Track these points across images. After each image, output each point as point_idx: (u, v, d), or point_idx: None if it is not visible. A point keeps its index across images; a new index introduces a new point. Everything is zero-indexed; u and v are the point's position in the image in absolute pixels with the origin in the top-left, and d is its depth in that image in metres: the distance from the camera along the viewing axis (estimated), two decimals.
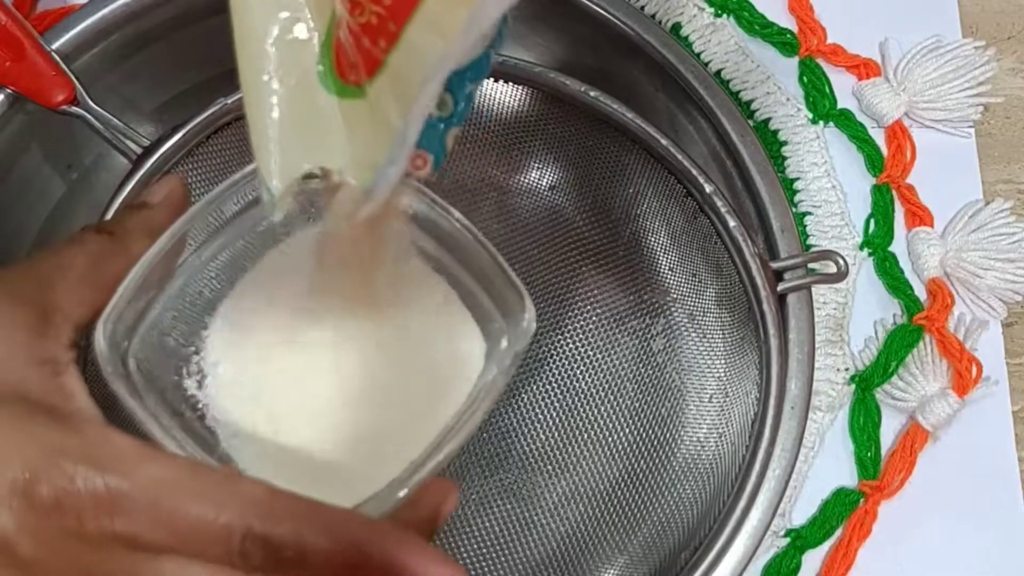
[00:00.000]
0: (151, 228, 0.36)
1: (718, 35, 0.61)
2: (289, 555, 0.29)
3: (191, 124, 0.48)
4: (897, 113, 0.60)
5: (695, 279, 0.53)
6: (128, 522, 0.28)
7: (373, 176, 0.30)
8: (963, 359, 0.56)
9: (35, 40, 0.49)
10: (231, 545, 0.28)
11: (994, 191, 0.60)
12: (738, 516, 0.45)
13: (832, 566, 0.54)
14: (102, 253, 0.35)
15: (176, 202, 0.38)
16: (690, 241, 0.52)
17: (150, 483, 0.29)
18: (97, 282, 0.34)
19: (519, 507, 0.53)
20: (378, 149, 0.30)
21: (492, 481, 0.53)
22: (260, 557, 0.29)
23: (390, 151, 0.29)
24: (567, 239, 0.57)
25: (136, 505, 0.28)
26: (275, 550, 0.29)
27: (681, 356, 0.54)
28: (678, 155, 0.48)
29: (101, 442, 0.29)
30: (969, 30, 0.63)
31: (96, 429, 0.30)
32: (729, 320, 0.51)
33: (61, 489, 0.28)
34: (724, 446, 0.50)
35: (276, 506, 0.29)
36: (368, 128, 0.30)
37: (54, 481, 0.28)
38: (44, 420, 0.30)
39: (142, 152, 0.48)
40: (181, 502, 0.28)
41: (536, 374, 0.55)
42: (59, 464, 0.28)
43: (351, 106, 0.31)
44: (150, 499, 0.28)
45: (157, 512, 0.28)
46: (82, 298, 0.34)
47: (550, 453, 0.54)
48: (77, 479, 0.28)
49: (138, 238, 0.36)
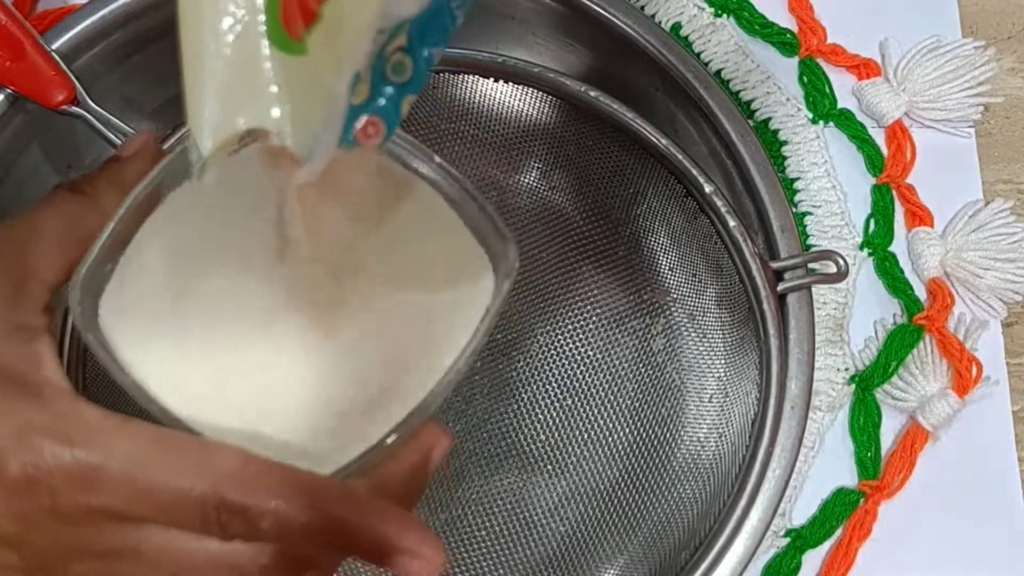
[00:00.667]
0: (123, 183, 0.35)
1: (718, 35, 0.61)
2: (266, 526, 0.28)
3: None
4: (897, 113, 0.60)
5: (695, 279, 0.53)
6: (104, 496, 0.28)
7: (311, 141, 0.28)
8: (963, 359, 0.56)
9: (35, 40, 0.49)
10: (208, 516, 0.28)
11: (994, 191, 0.60)
12: (738, 516, 0.45)
13: (832, 566, 0.54)
14: (75, 213, 0.34)
15: (149, 155, 0.37)
16: (690, 241, 0.52)
17: (122, 456, 0.28)
18: (71, 243, 0.33)
19: (519, 507, 0.53)
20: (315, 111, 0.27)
21: (492, 481, 0.53)
22: (239, 527, 0.28)
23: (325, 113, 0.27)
24: (567, 239, 0.57)
25: (110, 479, 0.28)
26: (252, 520, 0.28)
27: (681, 356, 0.54)
28: (678, 155, 0.48)
29: (70, 415, 0.29)
30: (969, 30, 0.63)
31: (65, 401, 0.30)
32: (729, 320, 0.51)
33: (31, 465, 0.28)
34: (724, 446, 0.50)
35: (250, 475, 0.28)
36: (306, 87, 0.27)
37: (23, 457, 0.28)
38: (13, 393, 0.30)
39: None
40: (154, 475, 0.28)
41: (536, 374, 0.55)
42: (27, 440, 0.28)
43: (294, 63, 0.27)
44: (123, 473, 0.28)
45: (132, 485, 0.28)
46: (57, 261, 0.33)
47: (550, 453, 0.54)
48: (46, 455, 0.28)
49: (111, 194, 0.35)
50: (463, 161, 0.56)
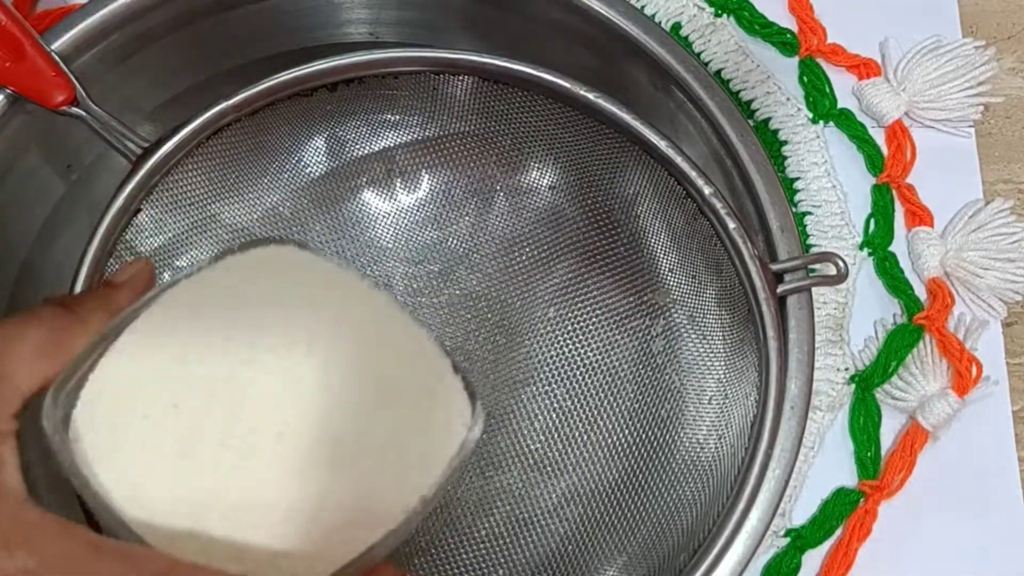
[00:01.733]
0: (112, 308, 0.36)
1: (718, 35, 0.61)
2: None
3: (191, 124, 0.48)
4: (897, 113, 0.60)
5: (695, 280, 0.53)
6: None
7: None
8: (963, 359, 0.56)
9: (35, 40, 0.48)
10: None
11: (994, 191, 0.60)
12: (738, 517, 0.45)
13: (832, 566, 0.54)
14: (60, 327, 0.35)
15: (141, 284, 0.38)
16: (690, 242, 0.52)
17: (56, 560, 0.29)
18: (52, 355, 0.34)
19: (519, 508, 0.53)
20: None
21: (492, 482, 0.53)
22: None
23: None
24: (567, 240, 0.57)
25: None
26: None
27: (681, 357, 0.54)
28: (678, 157, 0.48)
29: (14, 518, 0.30)
30: (969, 30, 0.63)
31: (12, 504, 0.31)
32: (729, 321, 0.51)
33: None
34: (724, 447, 0.50)
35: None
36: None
37: None
38: None
39: (142, 152, 0.47)
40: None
41: (536, 375, 0.55)
42: None
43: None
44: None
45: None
46: (35, 370, 0.33)
47: (550, 454, 0.54)
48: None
49: (98, 316, 0.35)
50: (464, 162, 0.56)
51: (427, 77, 0.51)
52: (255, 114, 0.49)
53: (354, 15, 0.56)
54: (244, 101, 0.48)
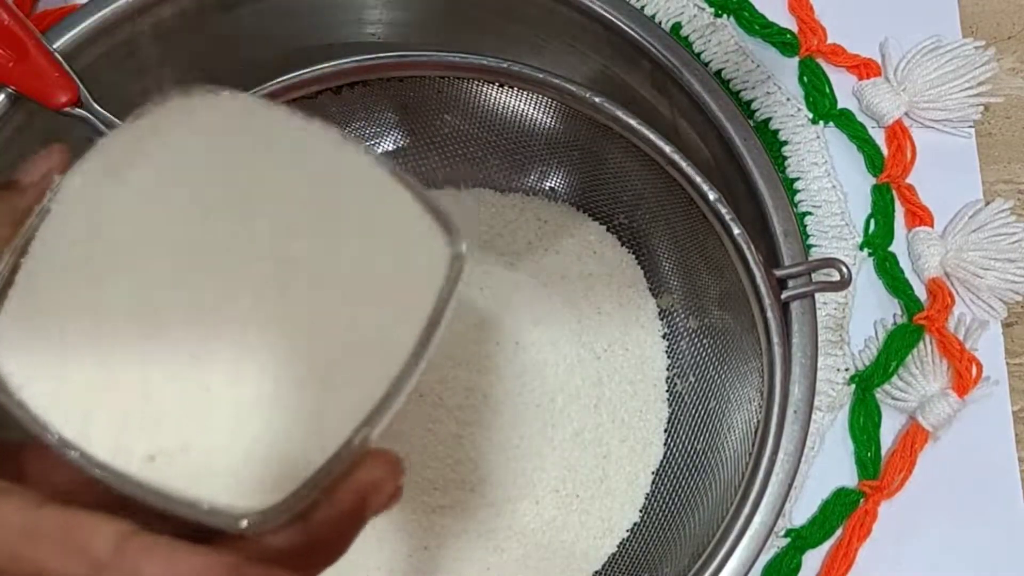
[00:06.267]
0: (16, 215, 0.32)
1: (718, 35, 0.61)
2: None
3: None
4: (897, 113, 0.60)
5: (698, 286, 0.53)
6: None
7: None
8: (963, 359, 0.56)
9: (38, 40, 0.48)
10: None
11: (994, 191, 0.61)
12: (741, 524, 0.45)
13: (832, 566, 0.54)
14: None
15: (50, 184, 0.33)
16: (693, 247, 0.52)
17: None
18: None
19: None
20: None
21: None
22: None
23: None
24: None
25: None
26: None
27: (683, 363, 0.55)
28: (682, 162, 0.48)
29: None
30: (969, 30, 0.63)
31: None
32: (732, 327, 0.51)
33: None
34: (727, 452, 0.50)
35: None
36: None
37: None
38: None
39: None
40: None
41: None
42: None
43: None
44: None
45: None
46: None
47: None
48: None
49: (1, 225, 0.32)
50: (466, 164, 0.56)
51: (432, 80, 0.51)
52: None
53: (358, 16, 0.56)
54: None
